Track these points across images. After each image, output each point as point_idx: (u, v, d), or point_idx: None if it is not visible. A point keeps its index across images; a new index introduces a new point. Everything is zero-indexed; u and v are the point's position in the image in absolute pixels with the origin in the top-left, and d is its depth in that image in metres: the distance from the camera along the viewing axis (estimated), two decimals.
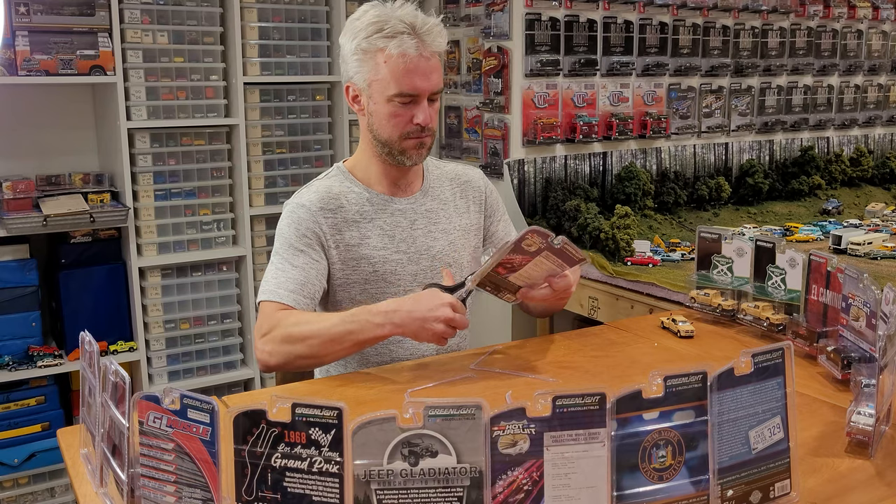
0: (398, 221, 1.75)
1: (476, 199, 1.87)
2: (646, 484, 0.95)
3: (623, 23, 3.06)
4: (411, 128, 1.65)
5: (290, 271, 1.64)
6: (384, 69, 1.62)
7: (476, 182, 1.88)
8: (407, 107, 1.64)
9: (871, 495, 1.11)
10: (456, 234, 1.81)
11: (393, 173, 1.76)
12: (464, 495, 0.90)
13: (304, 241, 1.67)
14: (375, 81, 1.64)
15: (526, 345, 1.75)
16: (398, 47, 1.59)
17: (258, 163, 3.07)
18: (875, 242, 2.58)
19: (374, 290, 1.71)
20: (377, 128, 1.68)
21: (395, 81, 1.61)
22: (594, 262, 2.55)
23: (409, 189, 1.79)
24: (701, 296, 1.88)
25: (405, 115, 1.64)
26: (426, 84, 1.63)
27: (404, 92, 1.62)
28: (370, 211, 1.73)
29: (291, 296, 1.61)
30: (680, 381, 0.96)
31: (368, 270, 1.71)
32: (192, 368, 3.06)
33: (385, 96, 1.63)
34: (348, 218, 1.71)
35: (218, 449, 0.91)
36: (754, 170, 3.30)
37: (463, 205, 1.84)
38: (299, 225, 1.69)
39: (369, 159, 1.76)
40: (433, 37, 1.63)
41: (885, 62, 3.90)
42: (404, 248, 1.74)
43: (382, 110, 1.65)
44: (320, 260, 1.68)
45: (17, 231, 2.66)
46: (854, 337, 1.45)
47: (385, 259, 1.72)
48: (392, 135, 1.67)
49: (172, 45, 2.86)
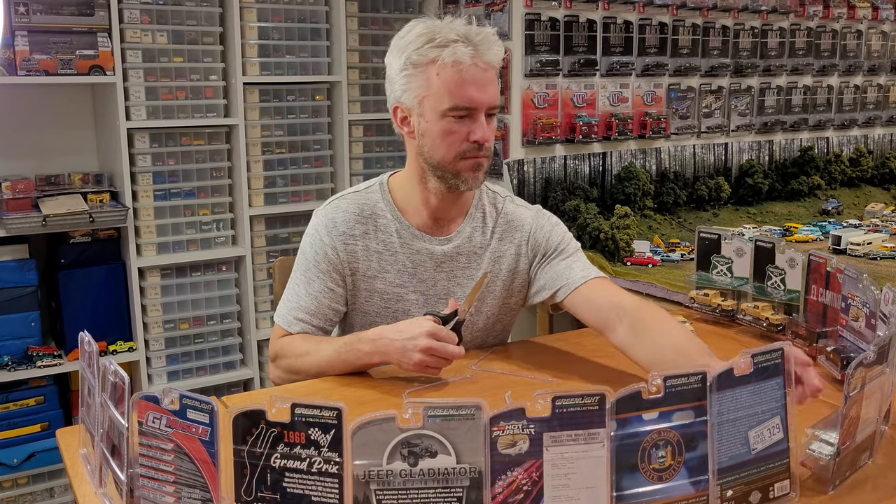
0: (422, 260, 1.63)
1: (519, 241, 1.68)
2: (645, 484, 0.95)
3: (623, 23, 3.06)
4: (467, 146, 1.51)
5: (304, 298, 1.62)
6: (437, 81, 1.49)
7: (521, 222, 1.69)
8: (462, 122, 1.50)
9: (872, 495, 1.10)
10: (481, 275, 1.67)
11: (434, 203, 1.62)
12: (463, 495, 0.90)
13: (322, 267, 1.61)
14: (427, 97, 1.51)
15: (526, 345, 1.75)
16: (452, 56, 1.47)
17: (258, 163, 3.07)
18: (874, 243, 2.58)
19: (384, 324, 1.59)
20: (429, 149, 1.54)
21: (448, 94, 1.48)
22: (594, 262, 2.55)
23: (446, 227, 1.66)
24: (700, 296, 1.88)
25: (461, 131, 1.51)
26: (483, 96, 1.50)
27: (460, 105, 1.49)
28: (395, 244, 1.63)
29: (300, 324, 1.61)
30: (679, 381, 0.96)
31: (380, 304, 1.64)
32: (191, 369, 3.05)
33: (438, 112, 1.50)
34: (370, 246, 1.62)
35: (217, 449, 0.91)
36: (754, 170, 3.30)
37: (501, 249, 1.68)
38: (318, 248, 1.61)
39: (413, 185, 1.63)
40: (489, 45, 1.51)
41: (884, 62, 3.90)
42: (423, 288, 1.64)
43: (435, 128, 1.52)
44: (336, 288, 1.62)
45: (16, 231, 2.66)
46: (853, 337, 1.45)
47: (399, 297, 1.63)
48: (447, 155, 1.53)
49: (172, 44, 2.85)
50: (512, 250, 1.67)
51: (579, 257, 1.67)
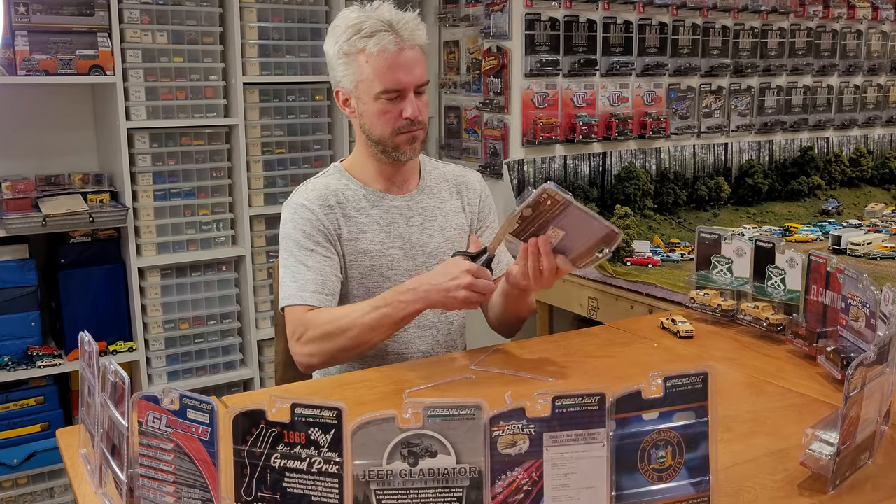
0: (393, 217, 1.77)
1: (470, 201, 1.88)
2: (645, 484, 0.95)
3: (623, 23, 3.06)
4: (401, 123, 1.67)
5: (306, 273, 1.67)
6: (367, 69, 1.64)
7: (473, 184, 1.90)
8: (394, 102, 1.66)
9: (872, 495, 1.11)
10: (452, 231, 1.83)
11: (388, 171, 1.78)
12: (463, 495, 0.90)
13: (313, 239, 1.70)
14: (361, 82, 1.67)
15: (526, 345, 1.75)
16: (377, 45, 1.62)
17: (257, 163, 3.07)
18: (874, 243, 2.58)
19: (371, 285, 1.73)
20: (369, 127, 1.71)
21: (378, 79, 1.64)
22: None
23: (404, 186, 1.81)
24: (700, 296, 1.88)
25: (394, 110, 1.66)
26: (409, 77, 1.65)
27: (389, 88, 1.64)
28: (366, 206, 1.76)
29: (315, 296, 1.65)
30: (680, 381, 0.96)
31: (365, 265, 1.74)
32: (191, 368, 3.05)
33: (372, 95, 1.66)
34: (346, 213, 1.74)
35: (217, 449, 0.91)
36: (754, 170, 3.30)
37: (458, 205, 1.86)
38: (305, 224, 1.71)
39: (365, 158, 1.78)
40: (410, 30, 1.66)
41: (884, 62, 3.90)
42: (400, 243, 1.76)
43: (371, 109, 1.68)
44: (332, 255, 1.71)
45: (16, 231, 2.66)
46: (853, 337, 1.45)
47: (381, 253, 1.74)
48: (384, 132, 1.69)
49: (172, 44, 2.85)
50: (469, 209, 1.87)
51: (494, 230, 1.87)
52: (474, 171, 1.95)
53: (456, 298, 1.52)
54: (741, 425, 1.30)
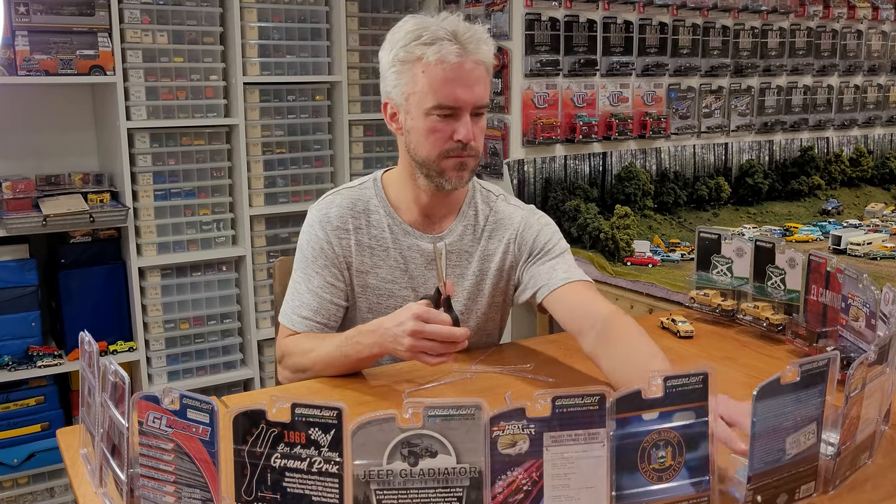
0: (413, 257, 1.63)
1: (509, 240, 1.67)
2: (645, 484, 0.95)
3: (623, 23, 3.06)
4: (451, 145, 1.51)
5: (305, 295, 1.62)
6: (422, 79, 1.48)
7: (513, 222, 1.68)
8: (447, 121, 1.50)
9: (872, 495, 1.11)
10: (472, 279, 1.67)
11: (425, 200, 1.62)
12: (463, 495, 0.90)
13: (319, 262, 1.61)
14: (413, 94, 1.50)
15: (526, 345, 1.75)
16: (436, 53, 1.46)
17: (258, 163, 3.07)
18: (874, 243, 2.58)
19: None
20: (414, 146, 1.54)
21: (433, 92, 1.48)
22: (594, 262, 2.55)
23: (439, 224, 1.65)
24: (700, 296, 1.88)
25: (445, 130, 1.50)
26: (468, 95, 1.49)
27: (443, 103, 1.48)
28: (387, 239, 1.63)
29: (304, 322, 1.61)
30: (680, 381, 0.96)
31: (373, 300, 1.64)
32: (191, 368, 3.06)
33: (423, 109, 1.50)
34: (361, 242, 1.62)
35: (217, 449, 0.91)
36: (754, 170, 3.30)
37: (499, 247, 1.67)
38: (315, 244, 1.62)
39: (405, 181, 1.63)
40: (476, 43, 1.49)
41: (884, 62, 3.90)
42: (414, 285, 1.64)
43: (420, 125, 1.51)
44: (336, 283, 1.62)
45: (16, 231, 2.66)
46: (853, 337, 1.45)
47: (391, 293, 1.64)
48: (430, 153, 1.52)
49: (172, 44, 2.86)
50: (500, 248, 1.66)
51: (565, 259, 1.64)
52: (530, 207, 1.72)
53: (402, 346, 1.37)
54: None
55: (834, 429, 1.09)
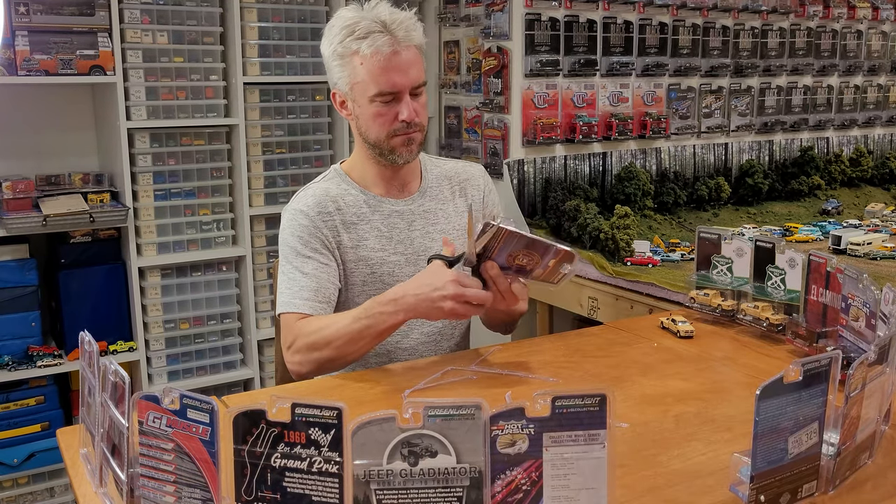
0: (395, 223, 1.75)
1: (474, 198, 1.86)
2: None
3: (623, 23, 3.06)
4: (397, 125, 1.65)
5: (302, 279, 1.66)
6: (361, 71, 1.62)
7: (476, 180, 1.88)
8: (389, 105, 1.64)
9: (872, 495, 1.11)
10: (455, 233, 1.80)
11: (387, 174, 1.76)
12: (463, 495, 0.90)
13: (310, 246, 1.69)
14: (356, 84, 1.65)
15: (525, 345, 1.75)
16: (370, 46, 1.60)
17: (258, 163, 3.07)
18: (875, 243, 2.58)
19: (373, 292, 1.69)
20: (364, 130, 1.69)
21: (373, 81, 1.62)
22: (594, 262, 2.55)
23: (405, 190, 1.79)
24: (700, 296, 1.88)
25: (389, 113, 1.65)
26: (404, 79, 1.62)
27: (384, 90, 1.62)
28: (367, 212, 1.74)
29: (307, 304, 1.63)
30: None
31: (366, 272, 1.72)
32: (191, 368, 3.06)
33: (367, 97, 1.64)
34: (345, 220, 1.72)
35: (217, 449, 0.91)
36: (754, 170, 3.30)
37: (462, 203, 1.84)
38: (302, 231, 1.70)
39: (364, 161, 1.77)
40: (406, 30, 1.63)
41: (884, 62, 3.90)
42: (402, 249, 1.74)
43: (367, 112, 1.66)
44: (329, 262, 1.69)
45: (16, 231, 2.66)
46: (853, 337, 1.45)
47: (382, 260, 1.73)
48: (379, 135, 1.67)
49: (172, 44, 2.86)
50: (475, 206, 1.83)
51: None
52: (477, 164, 1.94)
53: (441, 309, 1.47)
54: (741, 425, 1.30)
55: (834, 429, 1.09)
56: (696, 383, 1.50)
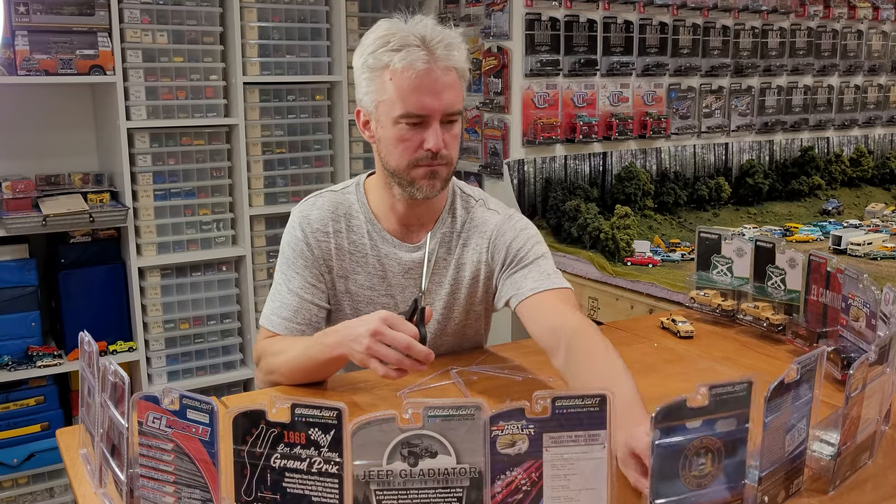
0: (391, 265, 1.60)
1: (481, 248, 1.62)
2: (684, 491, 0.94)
3: (623, 23, 3.06)
4: (420, 154, 1.46)
5: (286, 296, 1.59)
6: (390, 87, 1.44)
7: (487, 230, 1.62)
8: (415, 129, 1.45)
9: (872, 495, 1.10)
10: (448, 287, 1.63)
11: (400, 210, 1.58)
12: (463, 496, 0.90)
13: (300, 262, 1.59)
14: (382, 102, 1.46)
15: (525, 345, 1.74)
16: (403, 60, 1.41)
17: (258, 163, 3.07)
18: (875, 243, 2.58)
19: None
20: (385, 155, 1.51)
21: (400, 100, 1.43)
22: (594, 262, 2.55)
23: (418, 233, 1.61)
24: (701, 296, 1.88)
25: (414, 139, 1.46)
26: (435, 102, 1.43)
27: (411, 112, 1.43)
28: (366, 246, 1.60)
29: (284, 323, 1.57)
30: (725, 389, 0.95)
31: (350, 305, 1.61)
32: (191, 368, 3.06)
33: (392, 118, 1.46)
34: (341, 246, 1.60)
35: (217, 449, 0.91)
36: (754, 170, 3.30)
37: (464, 256, 1.63)
38: (296, 245, 1.60)
39: (382, 189, 1.59)
40: (446, 49, 1.44)
41: (885, 62, 3.90)
42: (392, 293, 1.61)
43: (389, 134, 1.47)
44: (317, 283, 1.59)
45: (16, 231, 2.66)
46: (854, 337, 1.45)
47: (370, 300, 1.61)
48: (400, 163, 1.49)
49: (172, 44, 2.85)
50: (474, 257, 1.62)
51: (539, 266, 1.56)
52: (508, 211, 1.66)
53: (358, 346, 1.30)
54: None
55: (834, 429, 1.09)
56: (697, 383, 1.50)
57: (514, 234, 1.60)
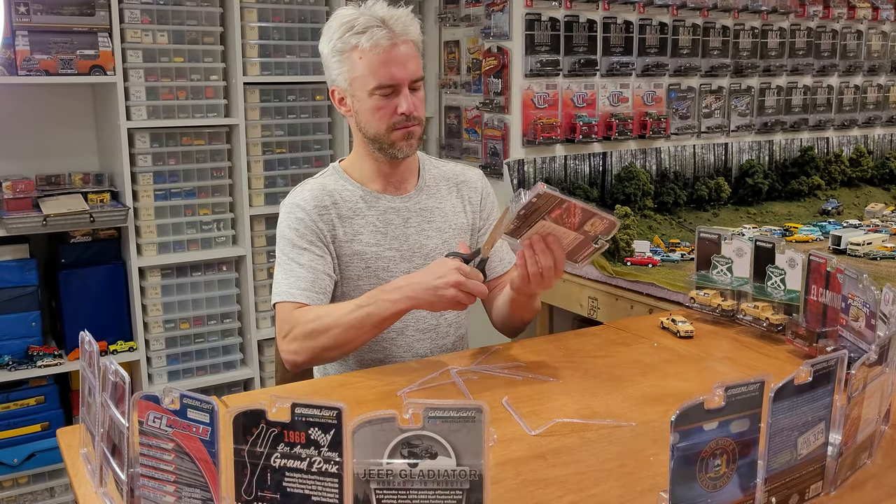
0: (391, 218, 1.76)
1: (471, 199, 1.87)
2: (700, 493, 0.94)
3: (623, 23, 3.06)
4: (396, 118, 1.67)
5: (298, 270, 1.68)
6: (361, 65, 1.65)
7: (473, 182, 1.89)
8: (389, 98, 1.66)
9: (872, 495, 1.11)
10: (450, 232, 1.81)
11: (385, 170, 1.77)
12: (463, 498, 0.90)
13: (306, 238, 1.70)
14: (355, 79, 1.67)
15: (526, 345, 1.75)
16: (369, 40, 1.62)
17: (258, 163, 3.07)
18: (875, 243, 2.58)
19: (367, 287, 1.70)
20: (364, 125, 1.71)
21: (372, 74, 1.64)
22: (594, 262, 2.55)
23: (403, 187, 1.81)
24: (700, 296, 1.88)
25: (388, 106, 1.67)
26: (403, 72, 1.65)
27: (383, 83, 1.64)
28: (363, 207, 1.75)
29: (304, 293, 1.65)
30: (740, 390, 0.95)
31: (361, 266, 1.73)
32: (191, 368, 3.06)
33: (366, 91, 1.66)
34: (342, 214, 1.74)
35: (217, 449, 0.91)
36: (754, 170, 3.30)
37: (458, 204, 1.85)
38: (298, 224, 1.72)
39: (362, 158, 1.78)
40: (403, 25, 1.66)
41: (884, 62, 3.90)
42: (397, 245, 1.75)
43: (366, 106, 1.68)
44: (325, 255, 1.71)
45: (16, 231, 2.66)
46: (853, 337, 1.45)
47: (377, 255, 1.74)
48: (379, 128, 1.69)
49: (172, 44, 2.86)
50: (469, 208, 1.86)
51: None
52: (475, 168, 1.94)
53: (444, 297, 1.50)
54: None
55: (836, 429, 1.09)
56: (697, 383, 1.50)
57: (493, 196, 1.92)
